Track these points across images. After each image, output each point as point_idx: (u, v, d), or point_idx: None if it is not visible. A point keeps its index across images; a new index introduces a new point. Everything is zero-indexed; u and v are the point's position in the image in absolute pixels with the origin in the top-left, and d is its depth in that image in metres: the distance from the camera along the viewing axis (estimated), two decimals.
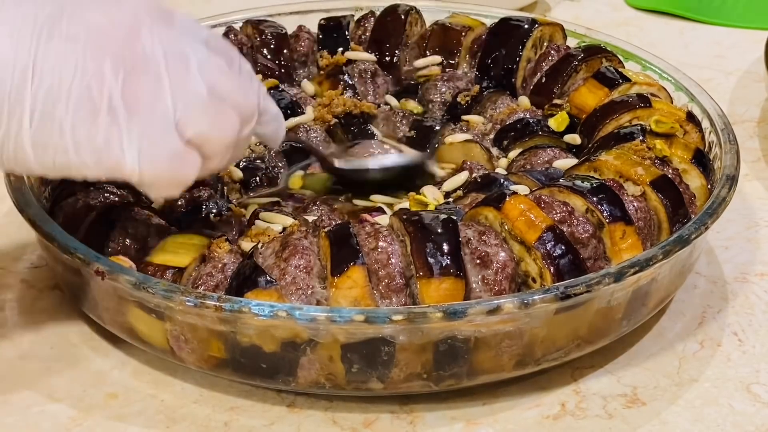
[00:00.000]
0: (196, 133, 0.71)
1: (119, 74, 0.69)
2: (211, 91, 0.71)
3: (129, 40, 0.69)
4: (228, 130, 0.73)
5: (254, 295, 0.75)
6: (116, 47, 0.69)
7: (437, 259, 0.76)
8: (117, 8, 0.70)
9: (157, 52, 0.70)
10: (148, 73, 0.69)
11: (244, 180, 0.92)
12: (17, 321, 0.86)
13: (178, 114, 0.70)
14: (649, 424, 0.78)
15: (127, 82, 0.69)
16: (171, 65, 0.70)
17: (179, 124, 0.70)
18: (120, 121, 0.69)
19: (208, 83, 0.71)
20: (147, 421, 0.77)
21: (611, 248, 0.81)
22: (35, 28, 0.68)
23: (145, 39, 0.70)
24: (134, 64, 0.69)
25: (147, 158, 0.70)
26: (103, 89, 0.69)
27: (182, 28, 0.72)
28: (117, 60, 0.69)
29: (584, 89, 0.98)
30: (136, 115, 0.69)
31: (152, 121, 0.70)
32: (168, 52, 0.70)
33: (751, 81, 1.21)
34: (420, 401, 0.79)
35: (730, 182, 0.86)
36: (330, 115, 1.00)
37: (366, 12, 1.11)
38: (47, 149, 0.69)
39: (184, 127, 0.71)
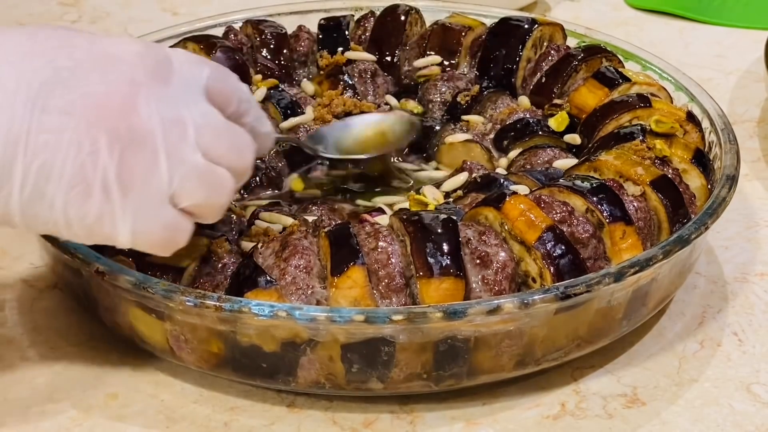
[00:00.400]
0: (191, 204, 0.71)
1: (114, 150, 0.67)
2: (207, 155, 0.70)
3: (125, 111, 0.67)
4: (223, 194, 0.72)
5: (254, 295, 0.75)
6: (112, 121, 0.67)
7: (437, 259, 0.76)
8: (114, 72, 0.68)
9: (154, 122, 0.68)
10: (144, 147, 0.68)
11: None
12: (17, 321, 0.86)
13: (173, 187, 0.69)
14: (649, 424, 0.78)
15: (122, 158, 0.67)
16: (168, 136, 0.69)
17: (174, 196, 0.70)
18: (113, 199, 0.68)
19: (204, 149, 0.70)
20: (147, 421, 0.77)
21: (611, 248, 0.81)
22: (29, 97, 0.66)
23: (141, 109, 0.68)
24: (131, 138, 0.67)
25: (140, 232, 0.69)
26: (97, 167, 0.67)
27: (179, 83, 0.70)
28: (113, 135, 0.67)
29: (584, 89, 0.98)
30: (131, 192, 0.68)
31: (146, 197, 0.69)
32: (165, 119, 0.69)
33: (751, 81, 1.21)
34: (420, 401, 0.79)
35: (730, 182, 0.86)
36: (330, 115, 1.00)
37: (366, 12, 1.11)
38: (37, 219, 0.68)
39: (179, 199, 0.70)
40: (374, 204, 0.91)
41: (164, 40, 1.06)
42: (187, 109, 0.70)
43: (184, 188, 0.70)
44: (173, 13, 1.36)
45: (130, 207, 0.68)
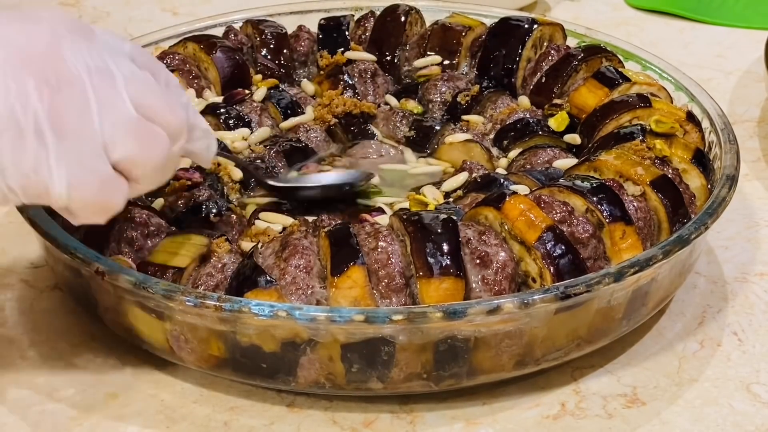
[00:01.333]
0: (125, 156, 0.68)
1: (44, 94, 0.65)
2: (138, 109, 0.68)
3: (51, 57, 0.66)
4: (157, 150, 0.70)
5: (254, 295, 0.75)
6: (38, 65, 0.66)
7: (437, 259, 0.76)
8: (34, 24, 0.67)
9: (81, 68, 0.67)
10: (73, 91, 0.66)
11: (244, 180, 0.92)
12: (17, 321, 0.86)
13: (105, 135, 0.67)
14: (649, 424, 0.78)
15: (53, 102, 0.66)
16: (96, 82, 0.67)
17: (107, 146, 0.67)
18: (48, 144, 0.66)
19: (134, 101, 0.68)
20: (147, 421, 0.77)
21: (611, 248, 0.81)
22: None
23: (67, 55, 0.66)
24: (58, 82, 0.66)
25: (76, 184, 0.67)
26: (27, 110, 0.65)
27: (103, 42, 0.69)
28: (40, 78, 0.65)
29: (584, 89, 0.98)
30: (65, 137, 0.66)
31: (81, 144, 0.66)
32: (92, 68, 0.67)
33: (751, 81, 1.21)
34: (420, 401, 0.79)
35: (730, 182, 0.86)
36: (330, 115, 1.00)
37: (366, 12, 1.11)
38: None
39: (111, 149, 0.68)
40: (374, 203, 0.91)
41: (164, 40, 1.06)
42: (114, 63, 0.68)
43: (115, 138, 0.67)
44: (173, 13, 1.36)
45: (65, 152, 0.66)
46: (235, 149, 0.95)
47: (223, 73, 1.02)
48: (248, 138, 0.97)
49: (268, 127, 0.98)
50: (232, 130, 0.97)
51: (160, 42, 1.06)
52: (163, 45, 1.05)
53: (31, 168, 0.66)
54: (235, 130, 0.97)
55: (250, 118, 0.98)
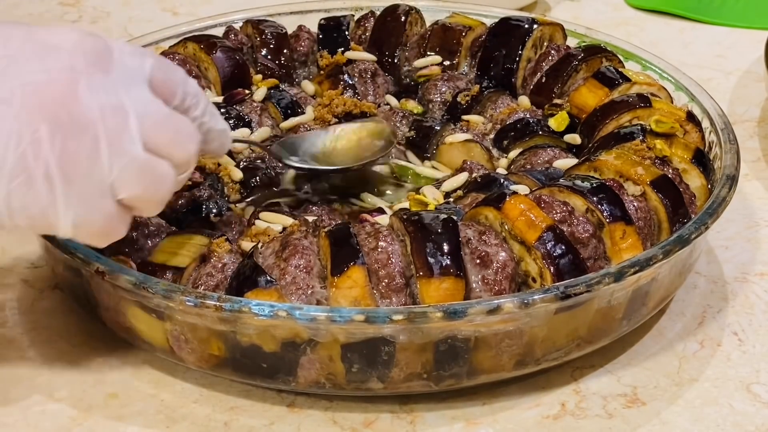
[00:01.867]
0: (130, 196, 0.70)
1: (56, 139, 0.66)
2: (147, 145, 0.69)
3: (66, 100, 0.67)
4: (163, 189, 0.72)
5: (254, 295, 0.75)
6: (53, 109, 0.66)
7: (437, 259, 0.76)
8: (54, 59, 0.67)
9: (95, 111, 0.67)
10: (85, 136, 0.67)
11: (244, 180, 0.92)
12: (17, 321, 0.86)
13: (113, 177, 0.68)
14: (649, 424, 0.78)
15: (64, 147, 0.67)
16: (108, 124, 0.68)
17: (114, 186, 0.69)
18: (56, 189, 0.67)
19: (145, 138, 0.69)
20: (147, 421, 0.77)
21: (611, 248, 0.81)
22: None
23: (82, 97, 0.67)
24: (72, 127, 0.67)
25: (81, 222, 0.69)
26: (39, 157, 0.66)
27: (120, 71, 0.69)
28: (54, 124, 0.66)
29: (584, 89, 0.98)
30: (73, 182, 0.67)
31: (88, 187, 0.68)
32: (106, 108, 0.68)
33: (751, 81, 1.21)
34: (420, 401, 0.79)
35: (730, 182, 0.86)
36: (330, 115, 1.00)
37: (366, 12, 1.11)
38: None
39: (118, 191, 0.69)
40: (373, 204, 0.91)
41: (164, 40, 1.06)
42: (128, 98, 0.69)
43: (123, 180, 0.69)
44: (173, 13, 1.36)
45: (73, 197, 0.68)
46: (235, 149, 0.95)
47: (223, 73, 1.02)
48: (248, 138, 0.97)
49: (268, 127, 0.98)
50: (232, 130, 0.97)
51: (160, 42, 1.06)
52: (163, 45, 1.05)
53: (39, 212, 0.68)
54: (235, 130, 0.97)
55: (250, 118, 0.98)
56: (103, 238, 0.71)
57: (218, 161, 0.92)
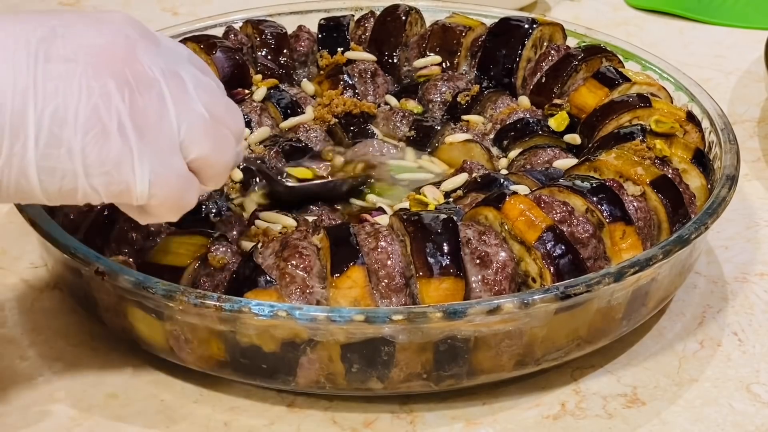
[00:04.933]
0: (200, 155, 0.70)
1: (125, 94, 0.67)
2: (209, 112, 0.71)
3: (128, 59, 0.68)
4: (228, 151, 0.73)
5: (254, 295, 0.75)
6: (117, 66, 0.67)
7: (437, 259, 0.76)
8: (108, 28, 0.69)
9: (156, 71, 0.69)
10: (151, 92, 0.68)
11: (244, 180, 0.92)
12: (17, 321, 0.86)
13: (182, 135, 0.69)
14: (649, 424, 0.78)
15: (133, 101, 0.67)
16: (171, 85, 0.69)
17: (183, 145, 0.70)
18: (130, 142, 0.67)
19: (204, 104, 0.71)
20: (147, 421, 0.77)
21: (611, 248, 0.81)
22: (30, 50, 0.66)
23: (143, 58, 0.68)
24: (137, 83, 0.68)
25: (157, 180, 0.69)
26: (111, 109, 0.67)
27: (167, 47, 0.72)
28: (120, 79, 0.67)
29: (584, 89, 0.98)
30: (145, 135, 0.68)
31: (161, 142, 0.69)
32: (166, 71, 0.69)
33: (751, 81, 1.21)
34: (420, 401, 0.79)
35: (730, 182, 0.86)
36: (330, 115, 1.00)
37: (366, 12, 1.11)
38: (54, 175, 0.67)
39: (188, 149, 0.70)
40: (373, 204, 0.91)
41: None
42: (182, 68, 0.71)
43: (191, 137, 0.70)
44: (173, 13, 1.36)
45: (147, 150, 0.68)
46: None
47: (223, 73, 1.02)
48: (248, 138, 0.97)
49: (267, 127, 0.98)
50: None
51: None
52: None
53: (115, 166, 0.68)
54: None
55: (250, 118, 0.98)
56: (177, 202, 0.71)
57: None
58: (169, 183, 0.69)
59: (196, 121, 0.70)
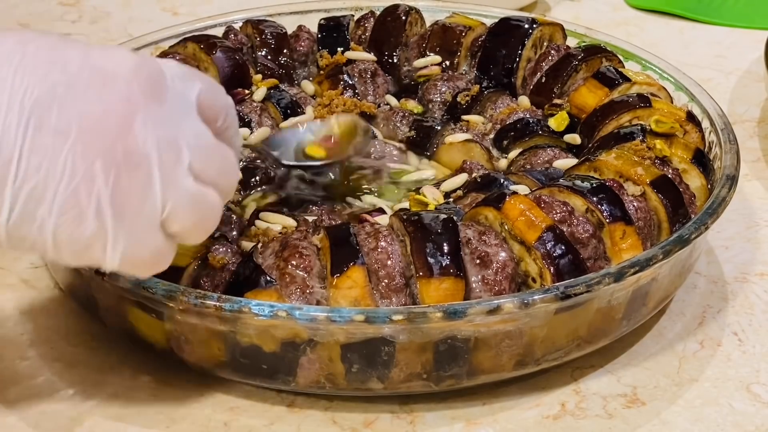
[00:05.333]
0: (182, 228, 0.68)
1: (110, 175, 0.64)
2: (198, 177, 0.68)
3: (122, 134, 0.65)
4: (212, 219, 0.70)
5: (254, 295, 0.75)
6: (108, 143, 0.64)
7: (437, 259, 0.76)
8: (111, 90, 0.65)
9: (150, 145, 0.65)
10: (139, 171, 0.65)
11: (244, 180, 0.92)
12: (17, 321, 0.86)
13: (166, 212, 0.67)
14: (649, 424, 0.78)
15: (117, 182, 0.65)
16: (162, 160, 0.66)
17: (165, 221, 0.67)
18: (106, 225, 0.65)
19: (195, 172, 0.68)
20: (147, 421, 0.77)
21: (611, 248, 0.81)
22: (23, 114, 0.63)
23: (138, 131, 0.65)
24: (126, 162, 0.65)
25: (129, 257, 0.67)
26: (92, 192, 0.64)
27: (173, 100, 0.68)
28: (108, 158, 0.64)
29: (584, 89, 0.98)
30: (124, 218, 0.65)
31: (139, 223, 0.66)
32: (160, 142, 0.66)
33: (751, 81, 1.21)
34: (420, 401, 0.79)
35: (730, 182, 0.86)
36: (330, 115, 1.00)
37: (366, 12, 1.11)
38: (24, 241, 0.65)
39: (170, 224, 0.68)
40: (373, 204, 0.91)
41: (164, 40, 1.06)
42: (181, 130, 0.68)
43: (176, 214, 0.67)
44: (173, 13, 1.36)
45: (123, 233, 0.66)
46: None
47: (223, 73, 1.02)
48: (248, 138, 0.97)
49: (267, 127, 0.98)
50: None
51: (160, 42, 1.06)
52: (163, 45, 1.05)
53: (86, 248, 0.66)
54: None
55: (250, 118, 0.98)
56: (149, 269, 0.69)
57: None
58: (142, 258, 0.67)
59: (183, 198, 0.67)
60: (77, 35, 1.31)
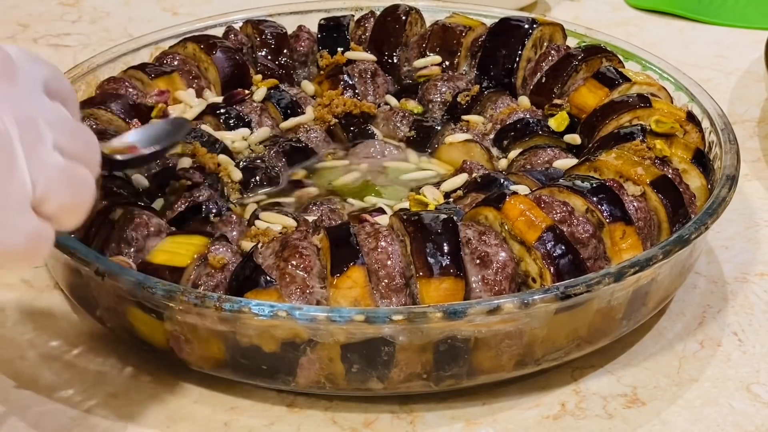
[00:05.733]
0: (59, 206, 0.65)
1: None
2: (65, 154, 0.65)
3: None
4: (86, 192, 0.67)
5: (254, 295, 0.75)
6: None
7: (437, 259, 0.76)
8: None
9: (9, 124, 0.62)
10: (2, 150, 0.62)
11: (244, 180, 0.92)
12: (17, 321, 0.86)
13: (38, 191, 0.63)
14: (649, 424, 0.78)
15: None
16: (24, 138, 0.63)
17: (40, 201, 0.64)
18: None
19: (60, 147, 0.65)
20: (147, 421, 0.77)
21: (611, 248, 0.81)
22: None
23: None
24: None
25: (3, 247, 0.63)
26: None
27: (25, 80, 0.65)
28: None
29: (584, 89, 0.98)
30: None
31: (7, 206, 0.62)
32: (19, 119, 0.63)
33: (751, 81, 1.21)
34: (420, 401, 0.79)
35: (730, 182, 0.86)
36: (330, 115, 1.00)
37: (366, 12, 1.11)
38: None
39: (44, 204, 0.64)
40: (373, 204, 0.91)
41: (164, 40, 1.06)
42: (37, 108, 0.65)
43: (49, 191, 0.64)
44: (173, 13, 1.36)
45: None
46: (235, 149, 0.95)
47: (223, 73, 1.02)
48: (248, 138, 0.97)
49: (268, 127, 0.98)
50: (232, 130, 0.97)
51: (160, 42, 1.06)
52: (163, 45, 1.05)
53: None
54: (235, 130, 0.97)
55: (250, 118, 0.98)
56: (27, 259, 0.66)
57: (218, 161, 0.92)
58: (17, 244, 0.63)
59: (53, 174, 0.64)
60: (77, 35, 1.31)
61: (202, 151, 0.93)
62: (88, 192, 0.68)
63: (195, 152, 0.92)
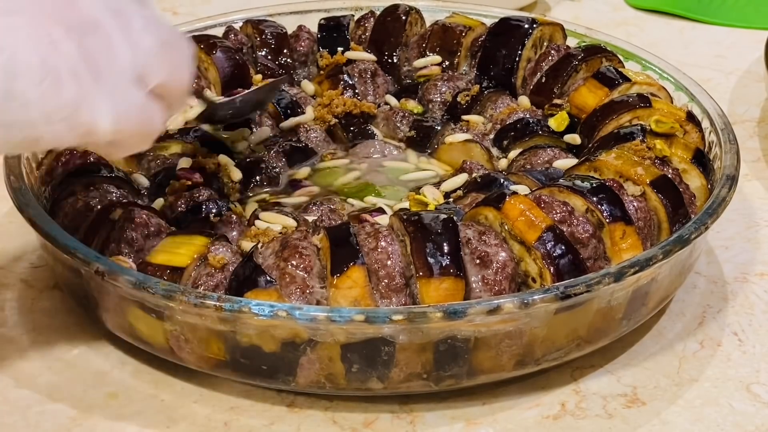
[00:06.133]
0: (160, 81, 0.71)
1: (72, 39, 0.67)
2: (159, 39, 0.72)
3: (69, 3, 0.68)
4: (185, 72, 0.74)
5: (254, 295, 0.75)
6: (61, 13, 0.68)
7: (437, 259, 0.76)
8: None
9: (99, 12, 0.69)
10: (99, 33, 0.69)
11: (244, 180, 0.92)
12: (17, 321, 0.86)
13: (138, 67, 0.70)
14: (649, 424, 0.78)
15: (82, 45, 0.68)
16: (117, 23, 0.69)
17: (142, 76, 0.70)
18: (86, 84, 0.68)
19: (153, 33, 0.71)
20: (147, 421, 0.77)
21: (611, 248, 0.81)
22: None
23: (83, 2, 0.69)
24: (83, 26, 0.68)
25: (119, 116, 0.69)
26: (61, 55, 0.67)
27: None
28: (65, 25, 0.67)
29: (584, 89, 0.98)
30: (100, 76, 0.68)
31: (116, 79, 0.69)
32: (109, 10, 0.70)
33: (751, 81, 1.21)
34: (420, 401, 0.79)
35: (730, 182, 0.86)
36: (330, 115, 1.00)
37: (366, 12, 1.11)
38: (13, 128, 0.67)
39: (147, 78, 0.71)
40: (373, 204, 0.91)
41: None
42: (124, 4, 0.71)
43: (148, 67, 0.71)
44: (173, 13, 1.36)
45: (104, 90, 0.68)
46: (235, 149, 0.95)
47: (223, 73, 1.02)
48: (248, 138, 0.97)
49: (268, 127, 0.98)
50: (232, 129, 0.97)
51: None
52: None
53: (74, 111, 0.68)
54: (235, 130, 0.97)
55: (250, 118, 0.98)
56: (142, 134, 0.72)
57: (218, 161, 0.92)
58: (132, 115, 0.70)
59: (149, 51, 0.71)
60: None
61: (202, 152, 0.93)
62: (186, 71, 0.74)
63: (195, 152, 0.92)
